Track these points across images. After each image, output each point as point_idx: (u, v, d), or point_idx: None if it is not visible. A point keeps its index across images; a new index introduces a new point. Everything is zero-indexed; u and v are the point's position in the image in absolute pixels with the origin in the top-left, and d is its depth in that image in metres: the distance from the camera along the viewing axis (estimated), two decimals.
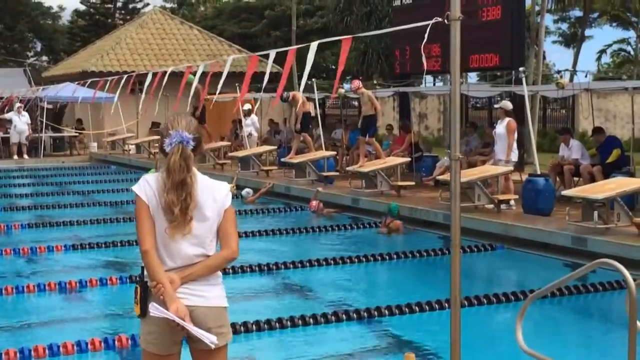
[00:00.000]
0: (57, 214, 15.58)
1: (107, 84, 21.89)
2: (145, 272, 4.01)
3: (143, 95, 17.00)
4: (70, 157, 29.29)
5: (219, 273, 4.15)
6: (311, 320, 7.86)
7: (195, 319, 3.97)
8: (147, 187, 4.02)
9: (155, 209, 3.99)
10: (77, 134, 30.67)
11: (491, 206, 12.83)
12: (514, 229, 11.60)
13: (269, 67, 14.38)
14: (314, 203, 15.18)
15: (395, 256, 11.02)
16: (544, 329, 7.71)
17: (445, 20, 4.53)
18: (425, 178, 16.78)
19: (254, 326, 7.63)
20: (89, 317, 8.44)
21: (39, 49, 57.71)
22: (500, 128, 13.86)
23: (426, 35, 6.48)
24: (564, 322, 8.37)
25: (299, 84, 31.55)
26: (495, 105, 14.51)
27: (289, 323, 7.77)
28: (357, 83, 16.43)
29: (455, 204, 4.59)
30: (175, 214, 3.94)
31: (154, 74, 17.62)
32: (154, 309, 3.89)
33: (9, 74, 32.81)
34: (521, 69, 13.62)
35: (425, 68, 7.97)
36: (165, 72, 16.74)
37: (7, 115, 27.98)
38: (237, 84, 22.45)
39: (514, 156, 13.80)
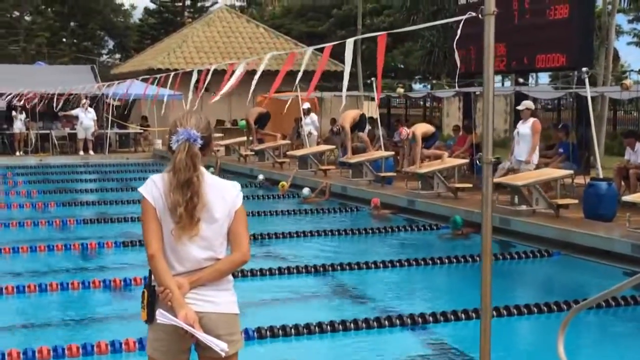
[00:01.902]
0: (116, 210, 15.66)
1: (156, 82, 21.92)
2: (153, 277, 3.85)
3: (190, 94, 16.91)
4: (135, 154, 29.60)
5: (230, 277, 3.96)
6: (363, 324, 7.67)
7: (205, 325, 3.79)
8: (154, 188, 3.85)
9: (162, 210, 3.82)
10: (142, 131, 30.99)
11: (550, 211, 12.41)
12: (572, 234, 11.16)
13: (304, 62, 14.14)
14: (376, 200, 14.98)
15: (447, 260, 10.71)
16: (592, 342, 7.36)
17: (480, 15, 4.25)
18: None
19: (304, 329, 7.48)
20: (129, 316, 8.36)
21: (111, 46, 58.70)
22: (525, 128, 13.55)
23: (459, 32, 6.17)
24: (615, 335, 7.97)
25: (366, 84, 31.35)
26: (519, 107, 14.14)
27: (340, 327, 7.59)
28: (404, 132, 16.25)
29: (487, 210, 4.31)
30: (180, 214, 3.76)
31: (200, 72, 17.52)
32: (162, 316, 3.73)
33: (76, 71, 33.33)
34: (584, 69, 13.15)
35: (458, 66, 7.64)
36: (209, 70, 16.58)
37: (73, 112, 28.44)
38: (300, 84, 22.30)
39: (535, 158, 13.47)
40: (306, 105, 22.83)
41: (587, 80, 13.08)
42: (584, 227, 11.36)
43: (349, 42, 9.52)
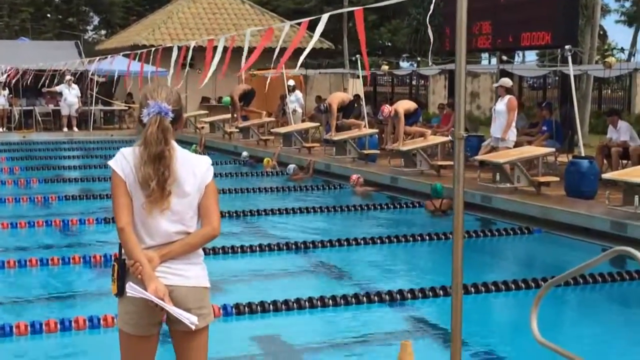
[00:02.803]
0: (100, 187, 15.59)
1: (137, 57, 21.82)
2: (123, 250, 3.83)
3: (171, 70, 16.84)
4: (120, 131, 29.46)
5: (200, 252, 3.95)
6: (342, 300, 7.70)
7: (175, 299, 3.79)
8: (124, 162, 3.83)
9: (133, 184, 3.80)
10: (127, 108, 30.82)
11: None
12: (552, 211, 11.21)
13: (281, 38, 14.13)
14: (354, 177, 14.98)
15: (427, 237, 10.73)
16: (568, 318, 7.40)
17: None
18: (471, 158, 16.38)
19: (282, 305, 7.50)
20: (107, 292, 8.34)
21: (96, 22, 58.19)
22: (501, 105, 13.60)
23: (432, 7, 6.16)
24: (590, 311, 8.02)
25: (352, 61, 31.24)
26: (495, 85, 14.16)
27: (319, 303, 7.61)
28: (386, 110, 15.98)
29: (459, 187, 4.28)
30: (152, 188, 3.75)
31: (180, 48, 17.44)
32: (132, 289, 3.72)
33: (59, 47, 33.05)
34: (567, 47, 13.15)
35: (431, 43, 7.63)
36: (188, 47, 16.50)
37: (57, 88, 28.24)
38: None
39: (512, 135, 13.52)
40: (291, 82, 22.77)
41: (569, 58, 13.10)
42: (564, 205, 11.40)
43: (324, 17, 9.51)
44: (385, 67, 20.38)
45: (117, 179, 3.82)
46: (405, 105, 16.24)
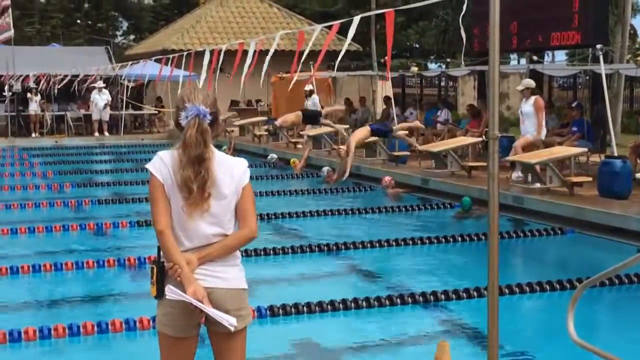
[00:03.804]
0: (131, 191, 15.73)
1: (169, 62, 21.97)
2: (162, 253, 3.87)
3: (204, 74, 16.94)
4: (150, 135, 29.67)
5: (238, 254, 3.99)
6: (375, 302, 7.70)
7: (214, 301, 3.82)
8: (162, 165, 3.86)
9: (171, 187, 3.83)
10: (156, 112, 31.04)
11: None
12: (586, 212, 11.13)
13: (312, 40, 14.12)
14: (387, 179, 14.98)
15: (460, 238, 10.71)
16: (605, 319, 7.35)
17: None
18: (502, 159, 16.32)
19: (316, 307, 7.52)
20: (144, 294, 8.42)
21: (125, 27, 58.64)
22: (527, 107, 13.54)
23: (464, 7, 6.14)
24: (627, 312, 7.96)
25: (380, 64, 31.22)
26: (518, 88, 14.05)
27: (352, 304, 7.62)
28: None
29: (494, 186, 4.26)
30: (192, 191, 3.78)
31: (212, 52, 17.54)
32: (171, 292, 3.75)
33: (90, 52, 33.37)
34: (599, 46, 13.06)
35: (463, 43, 7.62)
36: (220, 50, 16.60)
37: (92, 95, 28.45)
38: (310, 62, 22.27)
39: (544, 134, 13.45)
40: (308, 86, 22.78)
41: (601, 58, 13.00)
42: (598, 205, 11.31)
43: (356, 19, 9.52)
44: (415, 69, 20.34)
45: (156, 182, 3.85)
46: (359, 135, 15.41)
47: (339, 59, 10.89)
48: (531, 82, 14.03)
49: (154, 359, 6.33)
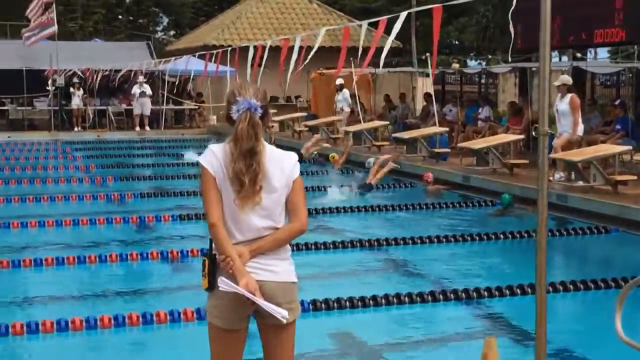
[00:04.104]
0: (171, 184, 15.87)
1: (213, 57, 22.11)
2: (214, 246, 3.91)
3: (248, 70, 17.02)
4: (190, 130, 29.87)
5: (288, 247, 4.01)
6: (417, 298, 7.69)
7: (265, 294, 3.84)
8: (213, 158, 3.89)
9: (222, 180, 3.86)
10: (197, 107, 31.24)
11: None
12: (631, 211, 10.99)
13: (362, 36, 14.19)
14: (428, 175, 14.93)
15: (502, 236, 10.66)
16: None
17: None
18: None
19: (358, 302, 7.52)
20: (188, 287, 8.50)
21: (165, 23, 59.00)
22: (563, 105, 13.36)
23: (514, 2, 6.12)
24: None
25: (420, 60, 31.15)
26: (555, 83, 13.86)
27: (395, 300, 7.62)
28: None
29: (543, 184, 4.25)
30: (244, 184, 3.81)
31: (255, 48, 17.62)
32: (224, 284, 3.78)
33: (132, 47, 33.67)
34: None
35: (512, 40, 7.58)
36: (264, 46, 16.66)
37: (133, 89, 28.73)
38: (351, 58, 22.27)
39: (580, 131, 13.35)
40: (339, 81, 22.76)
41: None
42: None
43: (402, 15, 9.51)
44: (456, 66, 20.27)
45: (207, 175, 3.88)
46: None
47: (384, 55, 10.82)
48: (568, 79, 13.85)
49: (198, 350, 6.43)
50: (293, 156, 4.01)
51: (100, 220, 11.78)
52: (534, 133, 14.56)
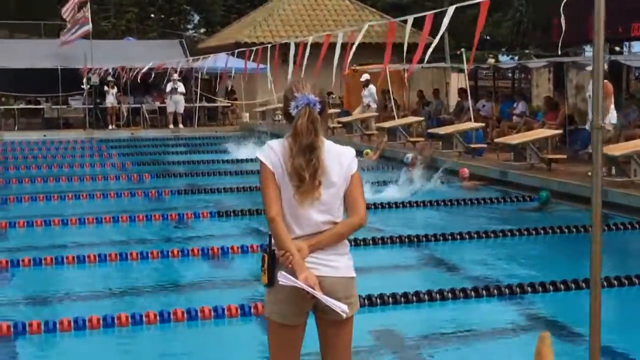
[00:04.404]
0: (206, 181, 15.94)
1: (252, 54, 22.16)
2: (273, 241, 3.92)
3: (290, 66, 17.05)
4: (223, 127, 29.99)
5: (347, 242, 4.02)
6: (461, 294, 7.68)
7: (325, 289, 3.85)
8: (272, 153, 3.91)
9: (281, 175, 3.88)
10: (229, 105, 31.34)
11: None
12: None
13: (407, 33, 14.26)
14: (464, 171, 14.86)
15: (542, 231, 10.59)
16: None
17: None
18: (581, 151, 16.05)
19: (391, 299, 7.49)
20: (229, 283, 8.54)
21: (196, 21, 59.21)
22: None
23: None
24: None
25: (454, 56, 30.99)
26: (588, 68, 13.67)
27: (429, 297, 7.60)
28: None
29: (597, 177, 4.22)
30: (304, 179, 3.82)
31: (297, 45, 17.65)
32: (283, 278, 3.79)
33: (165, 46, 33.83)
34: None
35: (562, 32, 7.52)
36: (306, 43, 16.69)
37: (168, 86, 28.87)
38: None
39: (613, 118, 13.18)
40: (365, 76, 22.70)
41: None
42: None
43: (450, 10, 9.52)
44: (492, 61, 20.14)
45: (266, 169, 3.90)
46: None
47: (429, 51, 10.71)
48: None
49: (242, 346, 6.47)
50: (351, 151, 4.02)
51: (140, 217, 11.87)
52: (587, 127, 14.36)
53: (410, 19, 12.98)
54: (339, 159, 3.93)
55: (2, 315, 7.20)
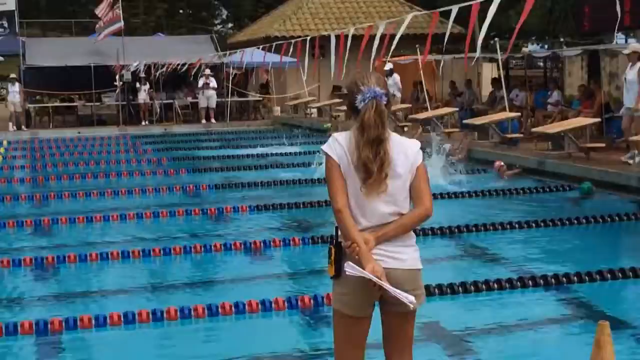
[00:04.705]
0: (242, 175, 15.99)
1: (289, 47, 22.22)
2: (340, 233, 3.93)
3: (332, 58, 17.07)
4: (255, 122, 30.07)
5: (413, 234, 4.03)
6: (495, 285, 7.64)
7: (391, 281, 3.86)
8: (337, 146, 3.93)
9: (347, 167, 3.90)
10: (261, 99, 31.41)
11: None
12: None
13: (450, 26, 14.17)
14: (497, 164, 14.78)
15: (584, 221, 10.52)
16: None
17: None
18: (618, 139, 15.90)
19: (436, 290, 7.49)
20: (273, 276, 8.58)
21: (224, 16, 59.41)
22: (631, 74, 12.97)
23: None
24: None
25: (486, 45, 30.77)
26: (625, 51, 13.40)
27: (472, 288, 7.58)
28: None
29: None
30: (372, 171, 3.84)
31: (337, 37, 17.67)
32: (350, 268, 3.79)
33: (196, 41, 33.93)
34: None
35: (617, 19, 7.46)
36: (347, 35, 16.70)
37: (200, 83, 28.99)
38: (417, 46, 22.18)
39: None
40: (388, 66, 22.61)
41: None
42: None
43: (496, 1, 9.52)
44: (526, 50, 19.98)
45: (332, 162, 3.91)
46: None
47: (480, 40, 10.64)
48: (638, 46, 13.50)
49: (290, 339, 6.50)
50: (416, 142, 4.03)
51: (180, 212, 11.94)
52: (622, 112, 14.20)
53: (455, 8, 12.93)
54: (405, 151, 3.94)
55: (50, 311, 7.29)
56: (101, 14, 29.81)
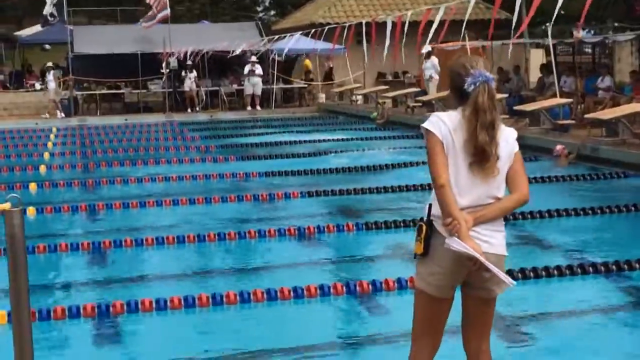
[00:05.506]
0: (288, 163, 15.96)
1: (336, 33, 22.17)
2: (433, 211, 3.91)
3: (387, 45, 16.98)
4: (300, 108, 30.07)
5: (502, 220, 4.00)
6: (555, 271, 7.56)
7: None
8: (441, 124, 3.91)
9: (450, 146, 3.88)
10: (306, 86, 31.39)
11: None
12: None
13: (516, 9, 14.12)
14: (559, 148, 14.57)
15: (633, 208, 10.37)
16: None
17: None
18: None
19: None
20: (327, 262, 8.58)
21: (267, 3, 59.47)
22: None
23: None
24: None
25: (533, 31, 30.43)
26: None
27: (531, 274, 7.50)
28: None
29: None
30: (489, 155, 3.83)
31: (394, 23, 17.57)
32: (455, 243, 3.75)
33: (241, 28, 33.98)
34: None
35: None
36: (404, 21, 16.61)
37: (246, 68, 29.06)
38: (465, 32, 21.95)
39: None
40: (426, 48, 22.43)
41: None
42: None
43: None
44: (579, 35, 19.68)
45: (435, 139, 3.89)
46: None
47: (522, 28, 10.56)
48: None
49: (350, 322, 6.48)
50: (514, 130, 4.04)
51: (232, 198, 11.99)
52: None
53: None
54: (505, 137, 3.95)
55: (109, 294, 7.35)
56: (151, 1, 29.99)
